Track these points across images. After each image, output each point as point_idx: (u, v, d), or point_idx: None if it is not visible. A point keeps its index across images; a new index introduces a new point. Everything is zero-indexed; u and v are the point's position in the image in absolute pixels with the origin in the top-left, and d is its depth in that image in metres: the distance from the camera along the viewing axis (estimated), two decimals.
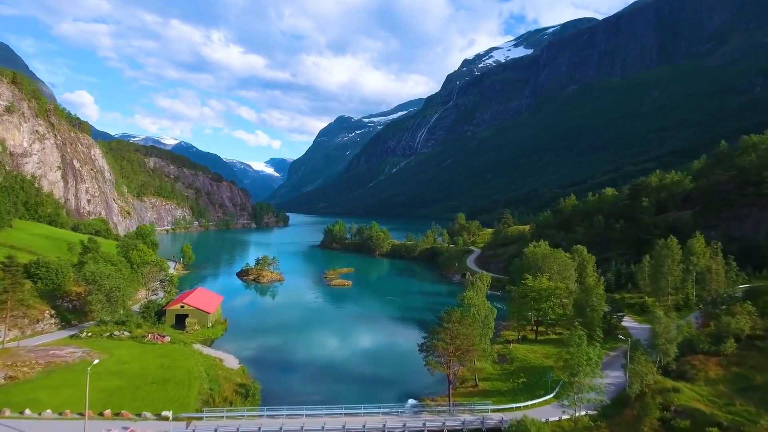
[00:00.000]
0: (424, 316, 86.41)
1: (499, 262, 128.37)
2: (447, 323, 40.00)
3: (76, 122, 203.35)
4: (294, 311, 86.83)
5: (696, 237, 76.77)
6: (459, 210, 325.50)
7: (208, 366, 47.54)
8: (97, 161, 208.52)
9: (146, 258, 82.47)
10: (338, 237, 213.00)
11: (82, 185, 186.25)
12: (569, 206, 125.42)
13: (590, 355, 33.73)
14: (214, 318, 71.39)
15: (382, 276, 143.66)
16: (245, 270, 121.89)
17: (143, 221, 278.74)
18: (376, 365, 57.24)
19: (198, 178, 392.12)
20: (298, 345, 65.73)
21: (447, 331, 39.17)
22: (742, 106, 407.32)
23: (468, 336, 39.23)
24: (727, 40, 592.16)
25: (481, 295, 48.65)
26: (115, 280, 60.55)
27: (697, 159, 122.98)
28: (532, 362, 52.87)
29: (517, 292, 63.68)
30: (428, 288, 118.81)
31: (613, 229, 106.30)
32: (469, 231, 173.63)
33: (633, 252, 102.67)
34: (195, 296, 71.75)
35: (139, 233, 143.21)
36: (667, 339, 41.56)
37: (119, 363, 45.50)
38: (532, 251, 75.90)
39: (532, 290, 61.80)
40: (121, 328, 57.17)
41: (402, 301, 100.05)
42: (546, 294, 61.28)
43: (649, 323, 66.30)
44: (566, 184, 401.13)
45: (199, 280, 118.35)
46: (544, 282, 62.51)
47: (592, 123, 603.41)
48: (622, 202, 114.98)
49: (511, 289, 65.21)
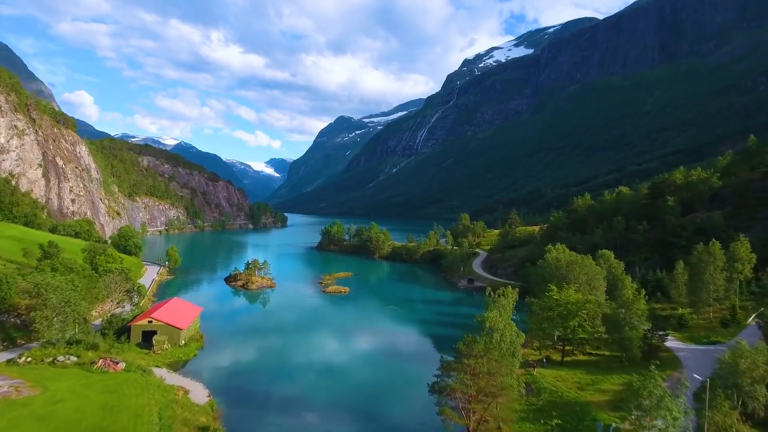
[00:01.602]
0: (429, 330, 77.11)
1: (507, 266, 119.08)
2: (467, 358, 30.69)
3: (61, 118, 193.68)
4: (282, 324, 77.35)
5: (740, 240, 67.69)
6: (460, 210, 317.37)
7: (165, 404, 38.16)
8: (82, 159, 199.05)
9: (111, 265, 72.98)
10: (336, 238, 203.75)
11: (65, 184, 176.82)
12: (584, 206, 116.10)
13: (675, 413, 24.25)
14: (188, 334, 62.03)
15: (382, 281, 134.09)
16: (233, 275, 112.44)
17: (135, 222, 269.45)
18: (374, 400, 47.74)
19: (193, 177, 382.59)
20: (282, 369, 56.30)
21: (467, 369, 29.93)
22: (747, 104, 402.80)
23: (495, 375, 29.99)
24: (729, 39, 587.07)
25: (506, 315, 39.34)
26: (65, 293, 51.17)
27: (704, 158, 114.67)
28: (564, 394, 43.52)
29: (538, 306, 54.40)
30: (432, 295, 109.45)
31: (635, 231, 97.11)
32: (474, 232, 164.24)
33: (657, 256, 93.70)
34: (167, 309, 62.32)
35: (121, 235, 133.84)
36: (754, 378, 32.27)
37: (50, 403, 36.12)
38: (555, 257, 66.45)
39: (558, 304, 52.55)
40: (69, 351, 47.82)
41: (404, 311, 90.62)
42: (575, 309, 52.03)
43: (693, 342, 57.13)
44: (569, 184, 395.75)
45: (184, 286, 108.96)
46: (572, 294, 53.22)
47: (594, 122, 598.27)
48: (642, 201, 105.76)
49: (531, 302, 55.84)
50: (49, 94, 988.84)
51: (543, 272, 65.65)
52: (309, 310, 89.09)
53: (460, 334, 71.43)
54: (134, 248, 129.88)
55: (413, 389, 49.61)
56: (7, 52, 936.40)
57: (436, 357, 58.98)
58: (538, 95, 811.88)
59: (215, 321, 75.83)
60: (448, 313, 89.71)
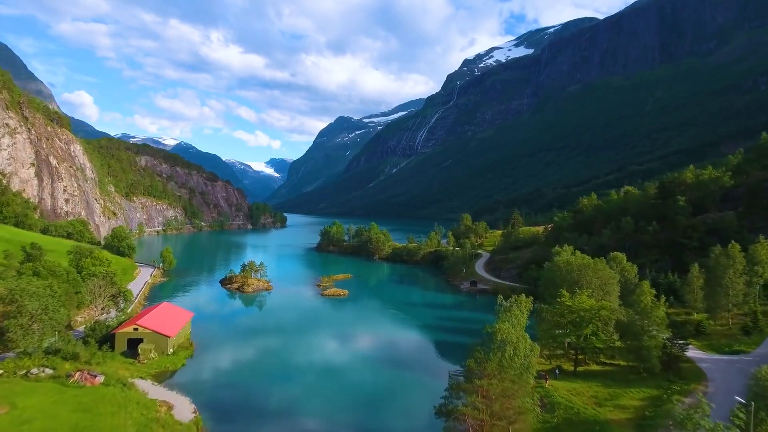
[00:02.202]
0: (433, 336, 73.72)
1: (511, 268, 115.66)
2: (479, 378, 27.20)
3: (55, 116, 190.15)
4: (277, 330, 73.90)
5: (760, 242, 64.33)
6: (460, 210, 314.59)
7: (144, 424, 34.72)
8: (77, 158, 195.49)
9: (96, 268, 69.31)
10: (335, 239, 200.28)
11: (59, 184, 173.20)
12: (590, 206, 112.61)
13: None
14: (177, 341, 58.58)
15: (382, 283, 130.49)
16: (229, 277, 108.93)
17: (132, 222, 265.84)
18: (375, 414, 44.24)
19: (192, 177, 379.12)
20: (276, 380, 52.86)
21: (479, 390, 26.45)
22: (748, 104, 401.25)
23: (511, 397, 26.51)
24: (730, 39, 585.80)
25: (520, 327, 35.85)
26: (42, 299, 47.69)
27: (705, 158, 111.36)
28: (581, 411, 40.07)
29: (549, 312, 50.98)
30: (434, 298, 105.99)
31: (644, 232, 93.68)
32: (476, 233, 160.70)
33: (668, 258, 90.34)
34: (154, 315, 58.82)
35: (115, 236, 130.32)
36: None
37: (16, 424, 32.67)
38: (566, 260, 62.82)
39: (570, 311, 49.12)
40: (44, 363, 44.33)
41: (405, 316, 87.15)
42: (588, 316, 48.60)
43: (714, 351, 53.70)
44: (570, 184, 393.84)
45: (178, 289, 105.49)
46: (585, 300, 49.78)
47: (595, 122, 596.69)
48: (650, 201, 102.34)
49: (542, 309, 52.40)
50: (48, 94, 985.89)
51: (552, 276, 62.07)
52: (306, 314, 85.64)
53: (464, 340, 68.02)
54: (127, 249, 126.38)
55: (416, 401, 46.27)
56: (7, 52, 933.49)
57: (441, 366, 55.82)
58: (539, 95, 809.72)
59: (207, 326, 72.39)
60: (451, 317, 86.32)
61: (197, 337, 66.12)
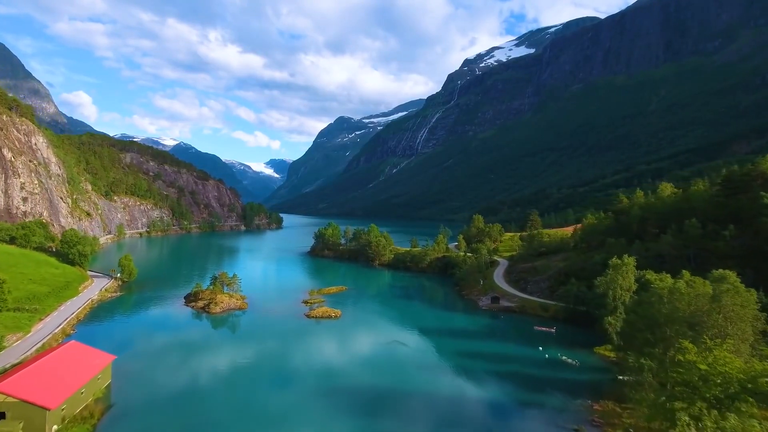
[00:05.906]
0: (452, 384, 52.64)
1: (540, 280, 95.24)
2: None
3: (14, 104, 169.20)
4: (238, 376, 53.52)
5: None
6: (461, 211, 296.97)
7: None
8: (39, 152, 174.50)
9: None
10: (331, 243, 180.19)
11: (15, 180, 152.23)
12: (636, 205, 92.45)
13: None
14: (71, 410, 38.16)
15: (383, 297, 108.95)
16: (195, 293, 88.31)
17: (111, 223, 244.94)
18: None
19: (181, 175, 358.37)
20: None
21: None
22: (756, 103, 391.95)
23: None
24: (735, 38, 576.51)
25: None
26: None
27: (716, 158, 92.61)
28: None
29: (664, 377, 30.81)
30: (448, 320, 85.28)
31: (716, 238, 73.94)
32: (490, 236, 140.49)
33: (751, 270, 70.75)
34: (34, 370, 38.30)
35: (64, 241, 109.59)
36: None
37: None
38: (661, 287, 40.94)
39: (704, 378, 29.03)
40: None
41: (414, 349, 66.40)
42: (738, 388, 28.47)
43: None
44: (575, 184, 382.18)
45: (129, 308, 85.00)
46: (730, 360, 29.65)
47: (598, 122, 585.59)
48: (715, 199, 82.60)
49: (640, 366, 32.32)
50: (46, 93, 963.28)
51: (647, 312, 39.72)
52: (283, 347, 64.81)
53: (498, 396, 47.90)
54: (78, 257, 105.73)
55: None
56: (5, 52, 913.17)
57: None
58: (540, 95, 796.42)
59: (144, 370, 51.98)
60: (476, 352, 64.98)
61: (123, 392, 45.82)
